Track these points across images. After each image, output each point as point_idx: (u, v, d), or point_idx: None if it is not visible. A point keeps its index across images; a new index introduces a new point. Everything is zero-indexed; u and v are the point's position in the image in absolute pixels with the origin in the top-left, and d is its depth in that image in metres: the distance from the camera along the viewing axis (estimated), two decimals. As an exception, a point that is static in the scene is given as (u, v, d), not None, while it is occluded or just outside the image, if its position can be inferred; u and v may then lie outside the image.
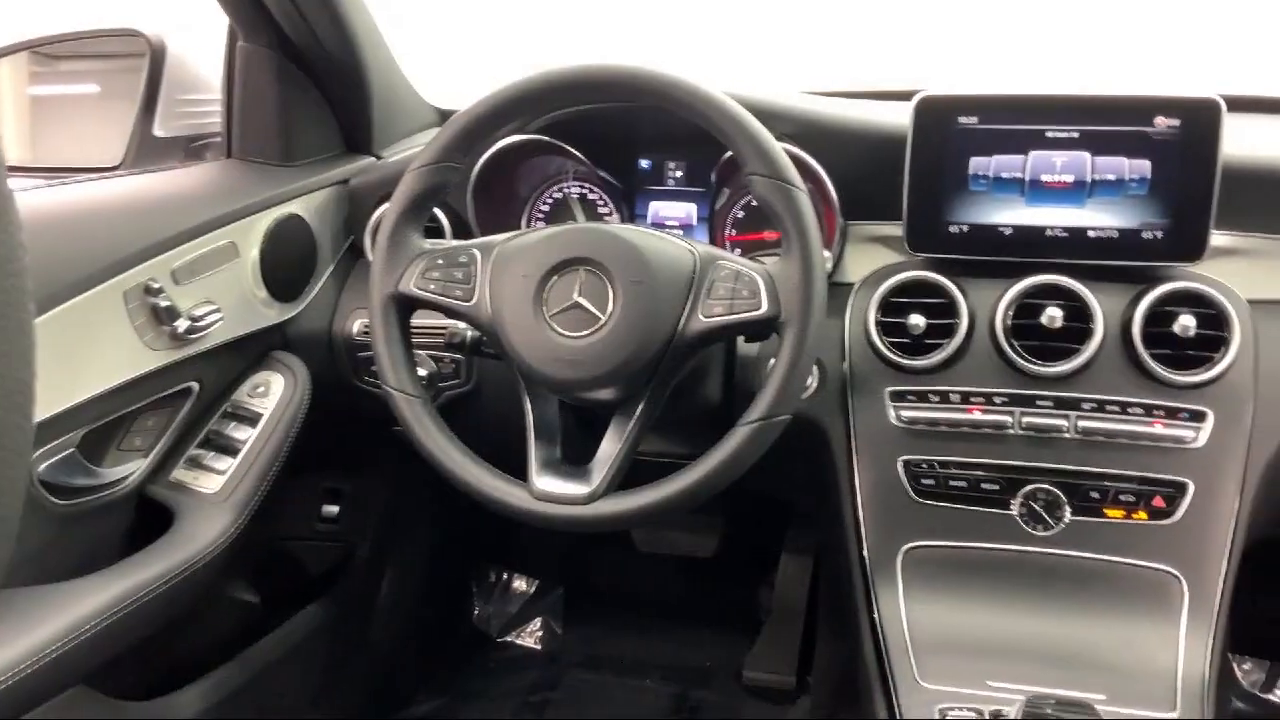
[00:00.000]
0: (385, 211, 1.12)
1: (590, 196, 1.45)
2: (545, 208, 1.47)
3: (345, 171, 1.50)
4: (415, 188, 1.09)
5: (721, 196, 1.39)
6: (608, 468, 1.04)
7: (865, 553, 1.20)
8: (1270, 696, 1.89)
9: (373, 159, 1.56)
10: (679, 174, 1.41)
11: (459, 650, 2.11)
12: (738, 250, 1.38)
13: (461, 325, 1.19)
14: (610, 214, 1.45)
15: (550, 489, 1.05)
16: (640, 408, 1.05)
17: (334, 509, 1.77)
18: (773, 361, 1.02)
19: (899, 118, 1.22)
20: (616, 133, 1.39)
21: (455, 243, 1.12)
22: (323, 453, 1.55)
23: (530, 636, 2.18)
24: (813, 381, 1.23)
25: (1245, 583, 1.15)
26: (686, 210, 1.41)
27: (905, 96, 1.21)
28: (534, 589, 2.23)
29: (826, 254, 1.25)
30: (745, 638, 1.97)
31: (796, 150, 1.25)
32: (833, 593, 1.79)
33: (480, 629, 2.18)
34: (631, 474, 1.06)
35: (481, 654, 2.13)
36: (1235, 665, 1.90)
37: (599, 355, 1.02)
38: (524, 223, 1.48)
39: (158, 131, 1.62)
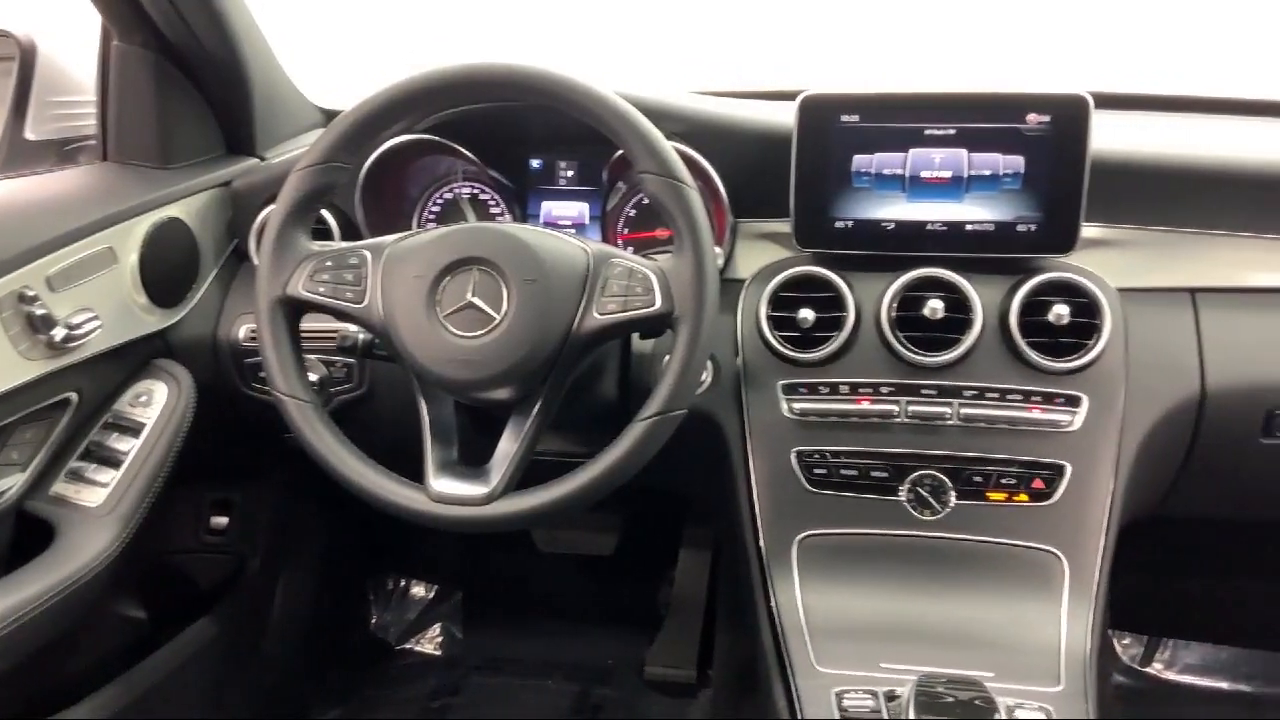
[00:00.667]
0: (270, 213, 1.09)
1: (482, 197, 1.45)
2: (436, 208, 1.46)
3: (228, 173, 1.46)
4: (301, 188, 1.07)
5: (613, 195, 1.40)
6: (505, 468, 1.04)
7: (762, 543, 1.22)
8: (1149, 670, 1.98)
9: (256, 160, 1.53)
10: (570, 173, 1.42)
11: (356, 660, 2.08)
12: (630, 248, 1.39)
13: (353, 328, 1.17)
14: (502, 214, 1.44)
15: (448, 490, 1.04)
16: (537, 406, 1.06)
17: (223, 520, 1.73)
18: (667, 358, 1.03)
19: (784, 117, 1.25)
20: (507, 132, 1.39)
21: (344, 244, 1.10)
22: (210, 462, 1.51)
23: (430, 643, 2.16)
24: (707, 376, 1.25)
25: (1122, 560, 1.20)
26: (579, 209, 1.42)
27: (790, 96, 1.24)
28: (433, 594, 2.21)
29: (718, 251, 1.27)
30: (647, 634, 1.98)
31: (686, 149, 1.26)
32: (731, 585, 1.81)
33: (378, 637, 2.15)
34: (530, 473, 1.06)
35: (380, 663, 2.10)
36: (1115, 641, 1.99)
37: (494, 355, 1.02)
38: (414, 224, 1.46)
39: (29, 135, 1.55)
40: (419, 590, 2.21)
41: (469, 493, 1.03)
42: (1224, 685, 1.95)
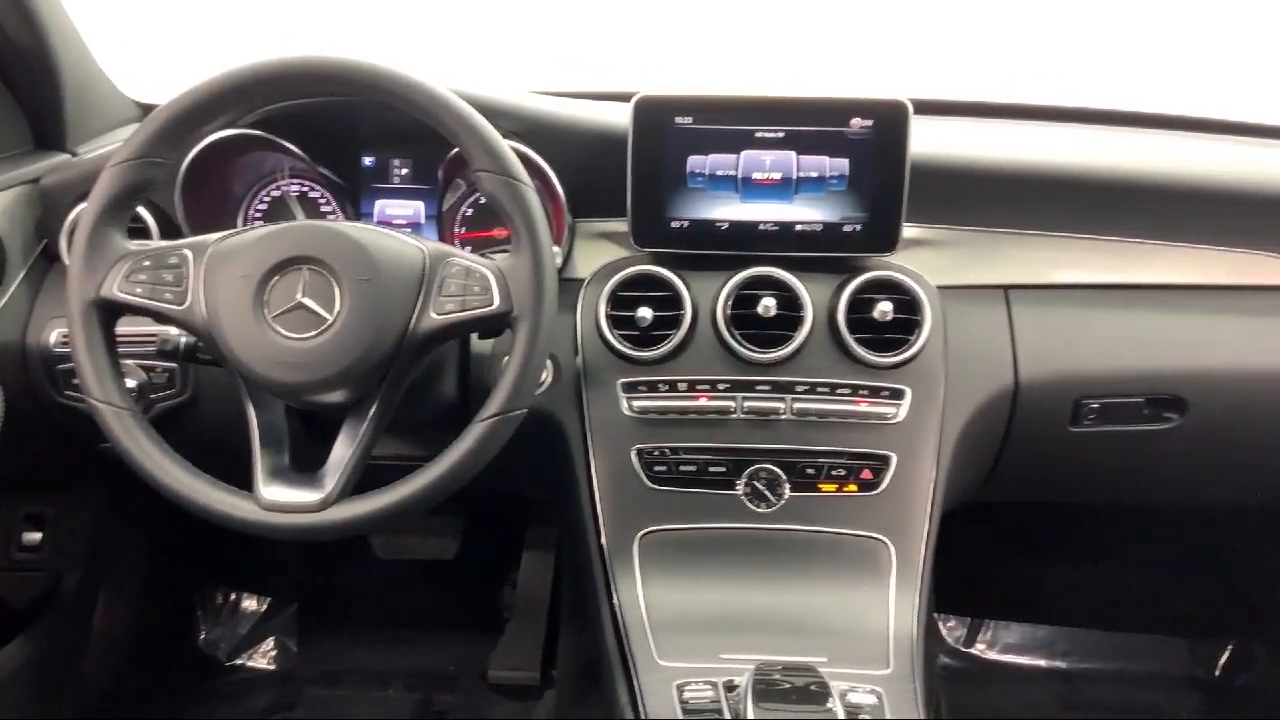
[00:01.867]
0: (82, 211, 1.04)
1: (311, 195, 1.41)
2: (262, 206, 1.41)
3: (35, 170, 1.38)
4: (115, 185, 1.02)
5: (449, 194, 1.38)
6: (340, 472, 1.02)
7: (603, 541, 1.23)
8: (972, 650, 2.09)
9: (67, 156, 1.45)
10: (405, 171, 1.39)
11: (184, 678, 1.99)
12: (468, 247, 1.38)
13: (174, 331, 1.12)
14: (333, 212, 1.40)
15: (279, 498, 1.01)
16: (373, 409, 1.03)
17: (36, 536, 1.63)
18: (507, 358, 1.03)
19: (620, 118, 1.26)
20: (337, 128, 1.35)
21: (164, 243, 1.05)
22: (20, 475, 1.43)
23: (263, 657, 2.08)
24: (547, 376, 1.25)
25: (945, 546, 1.26)
26: (414, 208, 1.40)
27: (625, 98, 1.25)
28: (265, 607, 2.13)
29: (556, 250, 1.28)
30: (490, 637, 1.96)
31: (523, 147, 1.26)
32: (574, 584, 1.82)
33: (207, 654, 2.06)
34: (367, 478, 1.04)
35: (209, 680, 2.01)
36: (940, 623, 2.09)
37: (327, 357, 0.99)
38: (239, 222, 1.41)
39: None
40: (250, 603, 2.13)
41: (302, 499, 1.00)
42: (1041, 663, 2.07)
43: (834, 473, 1.24)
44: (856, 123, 1.22)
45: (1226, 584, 2.01)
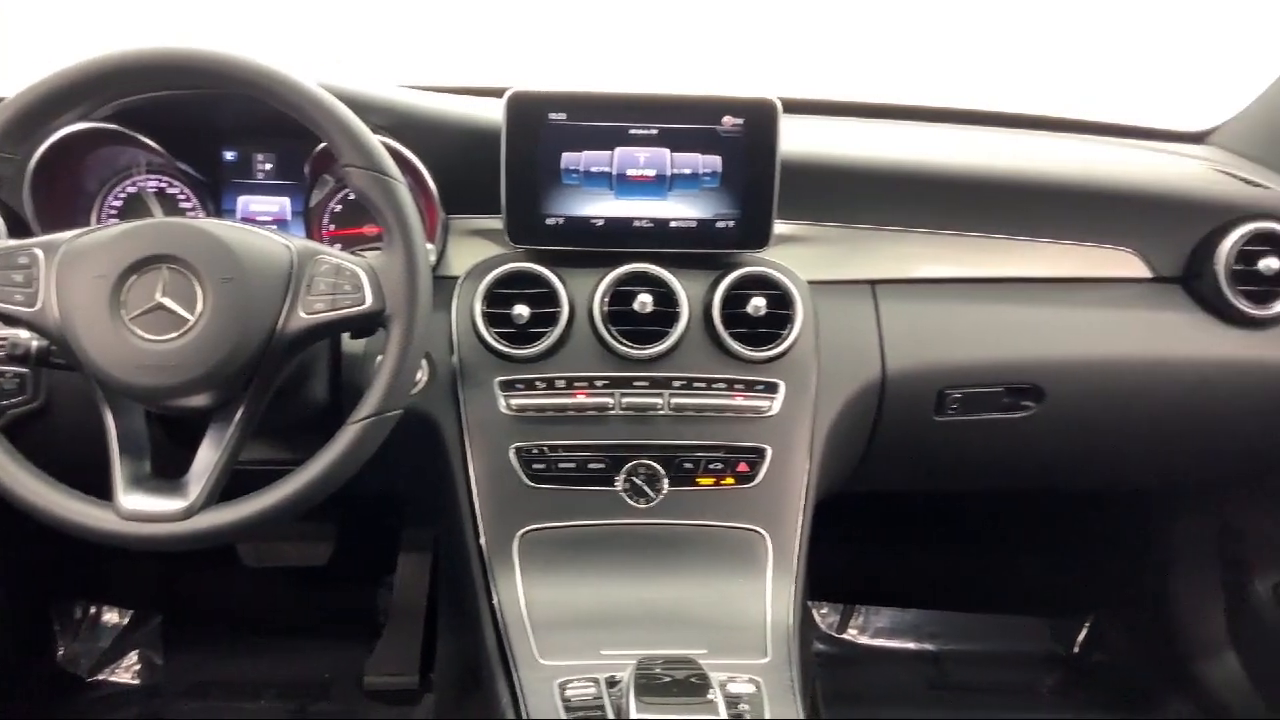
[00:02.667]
0: (-78, 209, 0.98)
1: (170, 191, 1.35)
2: (118, 203, 1.35)
3: None
4: None
5: (317, 190, 1.34)
6: (205, 479, 0.98)
7: (482, 541, 1.22)
8: (845, 636, 2.14)
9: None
10: (269, 166, 1.35)
11: (41, 696, 1.89)
12: (338, 245, 1.34)
13: (24, 334, 1.06)
14: (194, 209, 1.35)
15: (140, 507, 0.97)
16: (239, 413, 1.00)
17: None
18: (380, 357, 1.01)
19: (493, 113, 1.24)
20: (196, 122, 1.30)
21: (11, 242, 1.00)
22: None
23: (126, 671, 2.00)
24: (422, 375, 1.23)
25: (819, 535, 1.29)
26: (279, 204, 1.35)
27: (497, 93, 1.24)
28: (128, 620, 2.04)
29: (430, 247, 1.25)
30: (366, 643, 1.93)
31: (393, 142, 1.24)
32: (452, 586, 1.80)
33: (66, 670, 1.96)
34: (236, 484, 1.01)
35: (69, 697, 1.92)
36: (815, 611, 2.14)
37: (189, 359, 0.96)
38: (94, 220, 1.34)
39: None
40: (112, 616, 2.04)
41: (164, 508, 0.97)
42: (910, 645, 2.14)
43: (711, 466, 1.25)
44: (728, 121, 1.24)
45: (1083, 565, 2.11)
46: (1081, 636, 2.12)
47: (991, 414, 1.40)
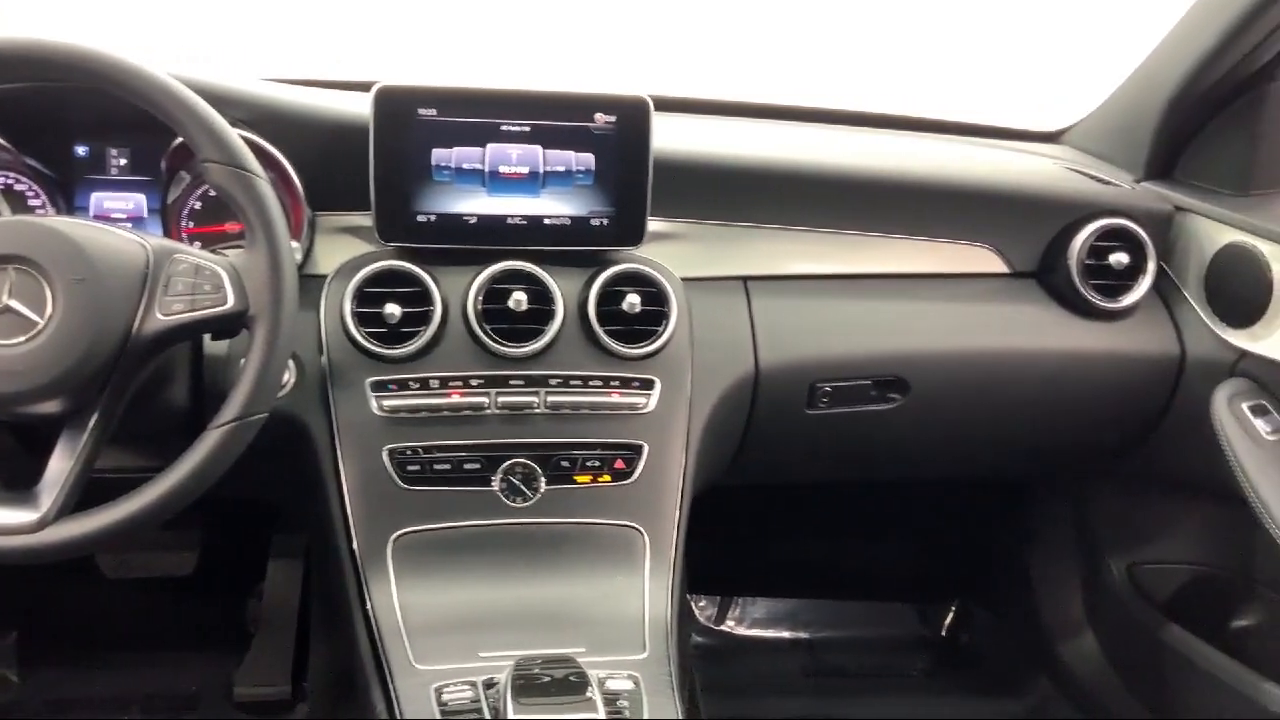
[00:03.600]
0: None
1: (17, 187, 1.28)
2: (-41, 200, 1.28)
3: None
4: None
5: (175, 186, 1.29)
6: (58, 489, 0.94)
7: (355, 546, 1.19)
8: (722, 627, 2.17)
9: None
10: (123, 162, 1.29)
11: None
12: (197, 244, 1.30)
13: None
14: (43, 207, 1.29)
15: None
16: (94, 419, 0.96)
17: None
18: (244, 360, 0.98)
19: (361, 108, 1.22)
20: (45, 116, 1.24)
21: None
22: None
23: (-23, 692, 1.89)
24: (290, 377, 1.20)
25: (696, 529, 1.30)
26: (135, 202, 1.30)
27: (365, 87, 1.21)
28: (-23, 638, 1.94)
29: (295, 245, 1.22)
30: (236, 654, 1.87)
31: (254, 137, 1.20)
32: (325, 593, 1.75)
33: (-91, 696, 1.85)
34: (95, 493, 0.97)
35: None
36: (693, 604, 2.16)
37: (38, 364, 0.91)
38: (-69, 217, 1.27)
39: None
40: (-39, 635, 1.93)
41: (14, 520, 0.92)
42: (786, 634, 2.18)
43: (588, 464, 1.25)
44: (600, 118, 1.24)
45: (950, 551, 2.18)
46: (948, 620, 2.19)
47: (860, 406, 1.43)
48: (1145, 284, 1.46)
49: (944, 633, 2.19)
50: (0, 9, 1.79)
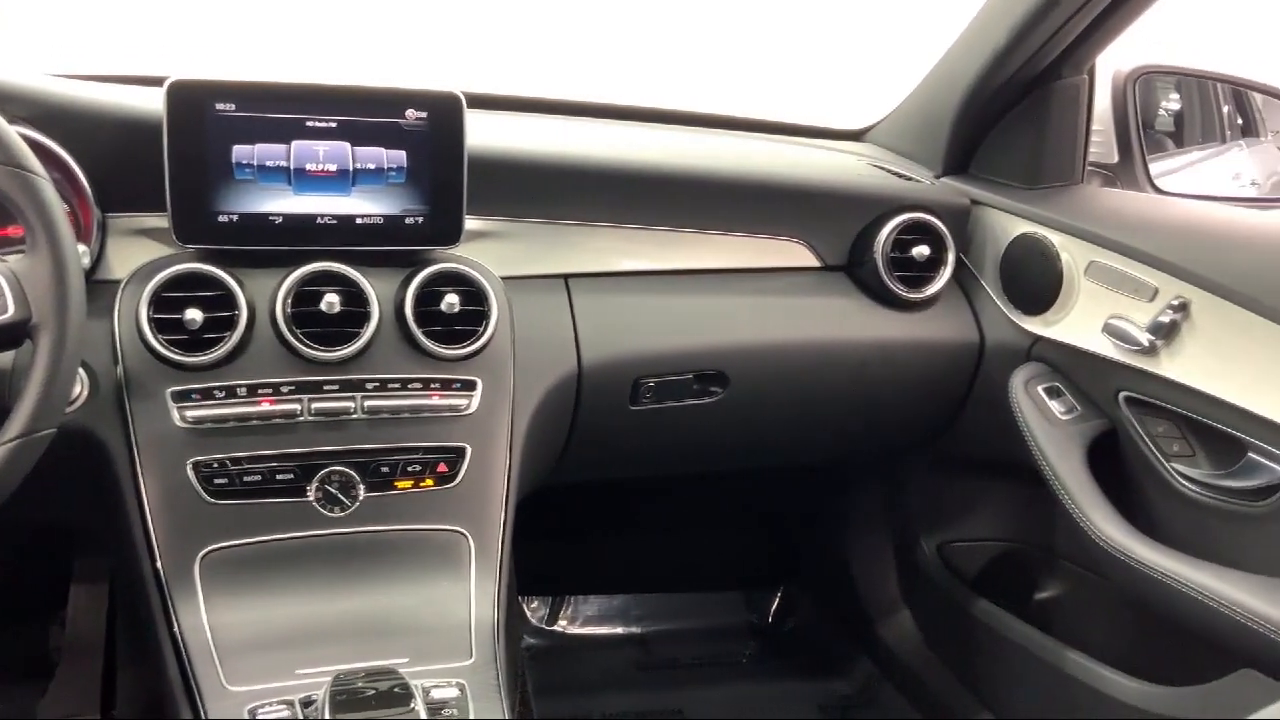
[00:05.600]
0: None
1: None
2: None
3: None
4: None
5: (-54, 188, 1.20)
6: None
7: (159, 566, 1.13)
8: (555, 627, 2.17)
9: None
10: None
11: None
12: (-26, 249, 1.21)
13: None
14: None
15: None
16: None
17: None
18: (29, 372, 0.91)
19: (153, 103, 1.15)
20: None
21: None
22: None
23: None
24: (81, 389, 1.12)
25: (526, 530, 1.29)
26: (-100, 204, 1.20)
27: (157, 82, 1.15)
28: None
29: (83, 249, 1.15)
30: (39, 683, 1.75)
31: (36, 135, 1.12)
32: (131, 616, 1.66)
33: None
34: None
35: None
36: (524, 606, 2.15)
37: None
38: None
39: None
40: None
41: None
42: (619, 630, 2.20)
43: (410, 469, 1.22)
44: (411, 114, 1.21)
45: (775, 538, 2.24)
46: (774, 606, 2.25)
47: (683, 401, 1.45)
48: (945, 275, 1.54)
49: (770, 619, 2.25)
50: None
